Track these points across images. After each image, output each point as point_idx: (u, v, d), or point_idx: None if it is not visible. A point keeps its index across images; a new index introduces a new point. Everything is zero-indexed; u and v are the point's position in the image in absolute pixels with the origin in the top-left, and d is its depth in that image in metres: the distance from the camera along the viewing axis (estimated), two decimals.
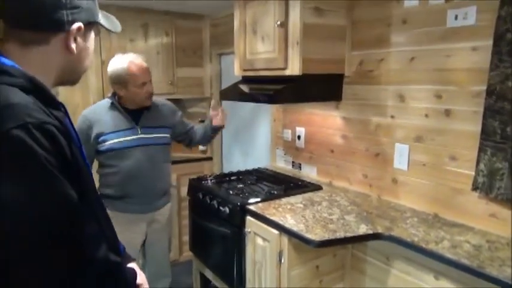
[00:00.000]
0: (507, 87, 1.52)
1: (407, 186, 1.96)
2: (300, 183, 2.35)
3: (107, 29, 0.98)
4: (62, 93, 2.88)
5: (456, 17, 1.69)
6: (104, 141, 2.00)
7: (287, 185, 2.29)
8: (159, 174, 2.14)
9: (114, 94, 2.09)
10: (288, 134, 2.72)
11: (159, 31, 3.25)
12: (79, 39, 0.86)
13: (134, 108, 2.08)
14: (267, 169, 2.73)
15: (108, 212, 2.09)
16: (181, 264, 3.24)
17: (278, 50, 2.07)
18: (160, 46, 3.26)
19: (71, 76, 0.94)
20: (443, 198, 1.81)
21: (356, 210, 1.91)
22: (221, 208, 2.09)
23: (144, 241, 2.21)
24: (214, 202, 2.15)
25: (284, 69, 2.06)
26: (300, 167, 2.64)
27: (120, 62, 2.01)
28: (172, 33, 3.31)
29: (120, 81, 2.01)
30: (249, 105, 3.23)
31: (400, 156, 1.98)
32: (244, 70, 2.36)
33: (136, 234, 2.13)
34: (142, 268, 2.21)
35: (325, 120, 2.42)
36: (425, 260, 1.55)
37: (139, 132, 2.07)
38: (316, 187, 2.28)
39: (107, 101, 2.09)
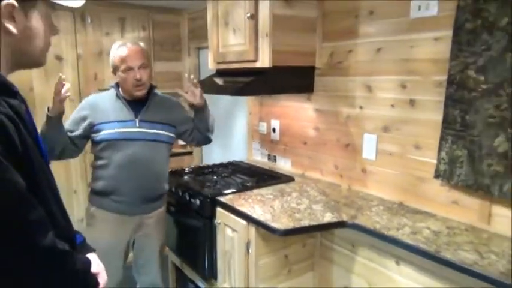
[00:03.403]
0: (467, 76, 1.55)
1: (375, 176, 1.99)
2: (273, 175, 2.37)
3: (61, 5, 0.96)
4: (37, 88, 2.86)
5: (419, 8, 1.72)
6: (98, 130, 1.88)
7: (260, 177, 2.31)
8: (153, 174, 1.96)
9: (117, 83, 1.99)
10: (263, 127, 2.73)
11: (136, 25, 3.23)
12: (18, 18, 0.84)
13: (133, 99, 1.95)
14: (242, 162, 2.74)
15: (94, 210, 2.02)
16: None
17: (249, 42, 2.07)
18: (137, 40, 3.21)
19: (24, 58, 0.91)
20: (408, 187, 1.84)
21: (324, 200, 1.93)
22: (192, 200, 2.10)
23: (133, 246, 2.06)
24: (186, 195, 2.15)
25: (255, 61, 2.07)
26: (275, 160, 2.66)
27: (115, 46, 1.94)
28: (149, 27, 3.30)
29: (111, 65, 1.92)
30: (227, 99, 3.23)
31: (369, 147, 2.01)
32: (218, 63, 2.37)
33: (119, 236, 1.95)
34: (137, 274, 2.13)
35: (298, 113, 2.44)
36: (387, 246, 1.58)
37: (137, 126, 1.92)
38: (288, 179, 2.29)
39: (112, 90, 1.98)
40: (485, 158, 1.51)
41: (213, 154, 3.47)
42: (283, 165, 2.58)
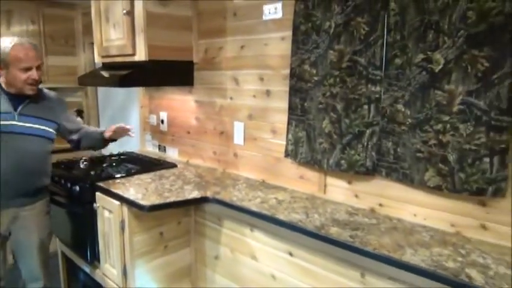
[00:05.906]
0: (303, 70, 1.85)
1: (244, 159, 2.25)
2: (157, 162, 2.53)
3: None
4: None
5: (269, 11, 2.00)
6: None
7: (145, 165, 2.45)
8: (30, 168, 1.96)
9: None
10: (153, 119, 2.88)
11: (24, 18, 3.19)
12: None
13: (16, 93, 1.94)
14: (132, 152, 2.86)
15: None
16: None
17: (127, 37, 2.22)
18: (25, 34, 3.19)
19: None
20: (268, 167, 2.12)
21: (197, 181, 2.14)
22: (74, 188, 2.18)
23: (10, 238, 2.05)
24: (69, 183, 2.23)
25: (133, 55, 2.22)
26: (165, 150, 2.82)
27: (7, 41, 1.89)
28: (39, 21, 3.27)
29: (2, 61, 1.88)
30: (122, 94, 3.32)
31: (238, 133, 2.26)
32: (103, 57, 2.47)
33: None
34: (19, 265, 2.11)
35: (183, 104, 2.63)
36: (244, 216, 1.83)
37: (15, 119, 1.92)
38: (171, 165, 2.47)
39: None
40: (317, 137, 1.82)
41: (110, 146, 3.52)
42: (172, 154, 2.76)
